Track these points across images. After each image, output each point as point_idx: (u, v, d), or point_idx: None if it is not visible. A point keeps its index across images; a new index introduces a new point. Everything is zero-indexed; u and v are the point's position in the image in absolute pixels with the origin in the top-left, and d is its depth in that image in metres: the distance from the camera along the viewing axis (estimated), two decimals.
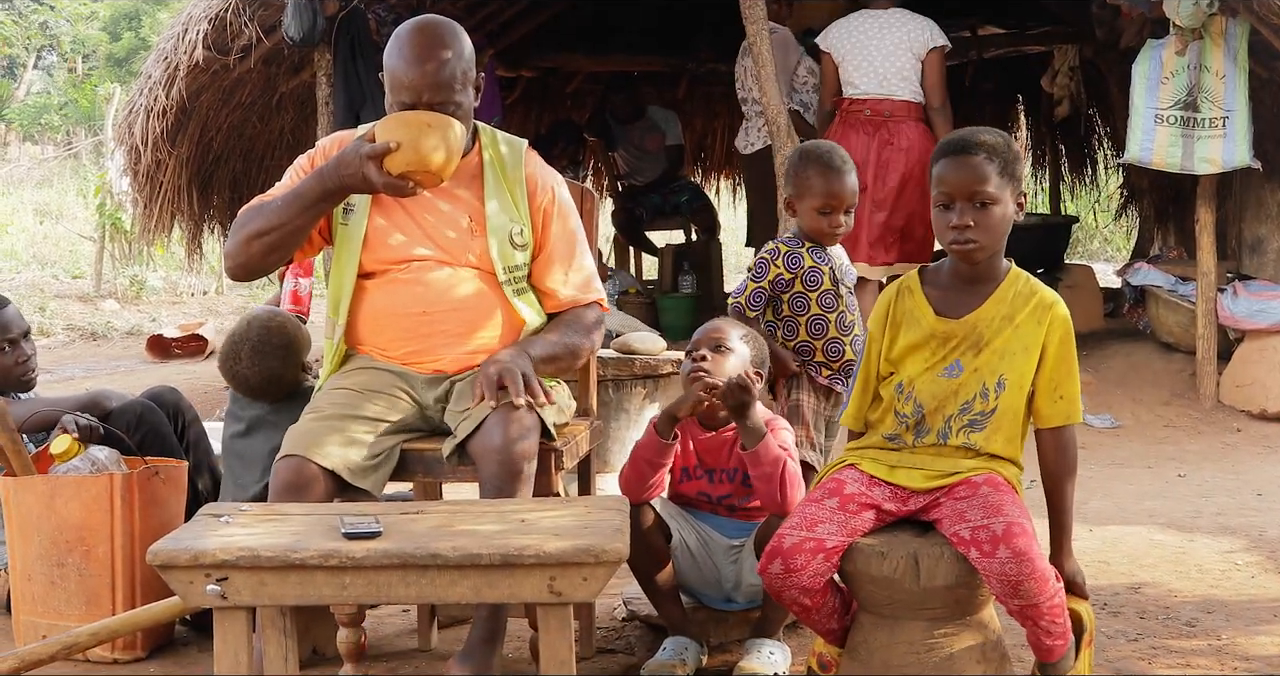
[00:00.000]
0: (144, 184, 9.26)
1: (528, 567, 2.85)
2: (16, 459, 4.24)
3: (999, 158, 3.47)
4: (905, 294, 3.65)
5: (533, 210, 4.01)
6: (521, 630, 4.18)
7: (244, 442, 4.32)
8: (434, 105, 3.78)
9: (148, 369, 11.21)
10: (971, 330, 3.54)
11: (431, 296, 3.90)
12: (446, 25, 3.91)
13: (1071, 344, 3.54)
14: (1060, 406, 3.54)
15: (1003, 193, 3.47)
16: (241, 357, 4.34)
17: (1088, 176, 13.61)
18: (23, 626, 4.26)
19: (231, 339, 4.40)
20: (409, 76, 3.81)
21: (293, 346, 4.39)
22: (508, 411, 3.63)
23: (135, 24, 29.22)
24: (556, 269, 4.03)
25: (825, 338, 4.52)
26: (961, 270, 3.59)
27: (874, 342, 3.68)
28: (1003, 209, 3.47)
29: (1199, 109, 7.71)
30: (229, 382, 4.41)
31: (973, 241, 3.47)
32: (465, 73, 3.88)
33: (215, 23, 8.28)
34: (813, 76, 9.37)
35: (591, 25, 11.95)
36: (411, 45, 3.84)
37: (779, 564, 3.42)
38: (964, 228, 3.46)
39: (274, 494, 3.59)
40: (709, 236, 11.90)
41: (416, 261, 3.92)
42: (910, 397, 3.58)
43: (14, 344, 4.78)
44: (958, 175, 3.48)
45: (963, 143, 3.52)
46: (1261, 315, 8.07)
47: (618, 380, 6.45)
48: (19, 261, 16.30)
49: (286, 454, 3.63)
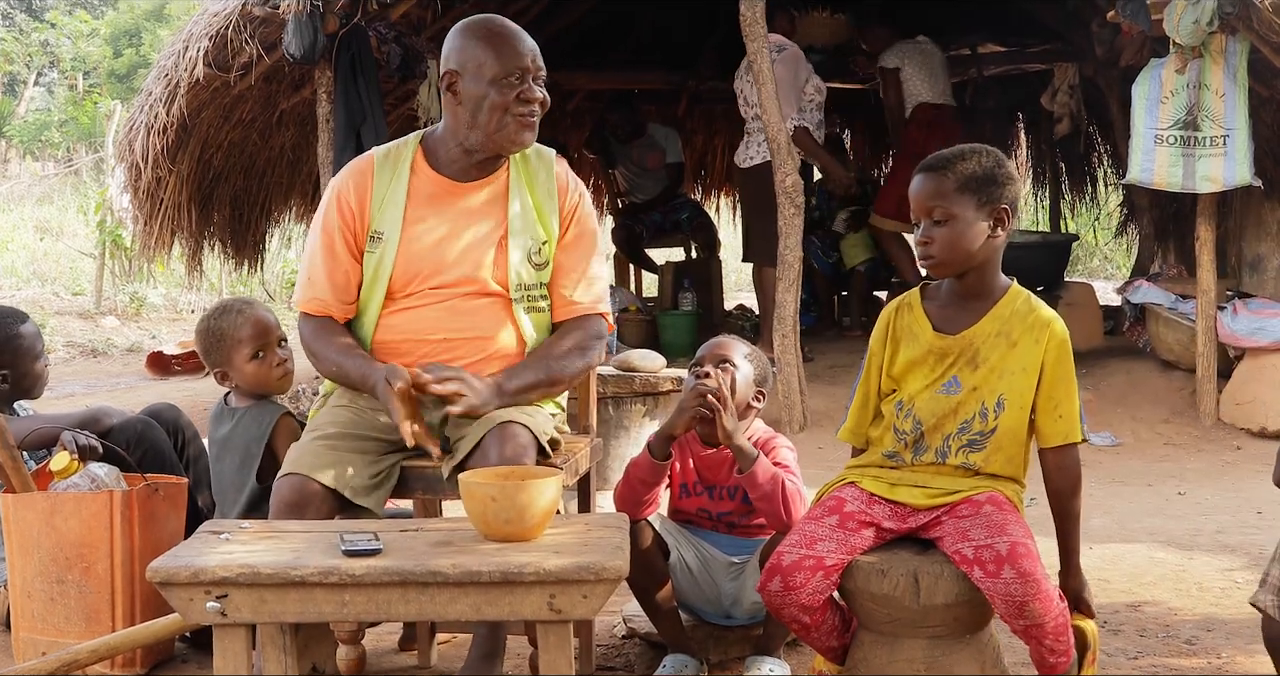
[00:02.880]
0: (144, 201, 9.27)
1: (528, 585, 2.84)
2: (16, 476, 4.24)
3: (962, 175, 3.50)
4: (905, 310, 3.68)
5: (561, 214, 4.00)
6: (521, 647, 4.17)
7: (220, 466, 4.27)
8: (536, 75, 3.84)
9: (148, 386, 11.20)
10: (968, 346, 3.55)
11: (453, 322, 3.90)
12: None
13: (1069, 363, 3.54)
14: (1060, 425, 3.54)
15: (964, 210, 3.49)
16: (198, 330, 4.38)
17: (1088, 194, 13.63)
18: (22, 643, 4.25)
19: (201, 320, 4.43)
20: (508, 43, 3.86)
21: (218, 307, 4.41)
22: (505, 428, 3.64)
23: (136, 41, 29.27)
24: (571, 274, 4.01)
25: None
26: (957, 287, 3.62)
27: (874, 357, 3.70)
28: (963, 226, 3.49)
29: (1199, 127, 7.72)
30: (206, 362, 4.38)
31: (931, 257, 3.53)
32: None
33: (216, 40, 8.29)
34: (819, 94, 9.42)
35: (591, 43, 11.97)
36: (492, 30, 3.90)
37: (778, 581, 3.42)
38: (923, 243, 3.53)
39: (275, 512, 3.58)
40: (709, 254, 11.92)
41: (444, 287, 3.91)
42: (909, 414, 3.58)
43: (41, 354, 4.84)
44: (918, 193, 3.55)
45: (931, 161, 3.57)
46: (1261, 333, 8.07)
47: (617, 397, 6.44)
48: (19, 278, 16.30)
49: (288, 472, 3.63)
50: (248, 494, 4.15)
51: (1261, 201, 8.70)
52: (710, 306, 11.39)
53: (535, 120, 3.88)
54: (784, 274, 8.06)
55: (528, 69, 3.84)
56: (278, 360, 4.32)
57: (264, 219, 10.34)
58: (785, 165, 7.97)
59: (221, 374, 4.32)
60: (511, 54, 3.84)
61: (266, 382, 4.31)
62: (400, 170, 3.96)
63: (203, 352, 4.38)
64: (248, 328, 4.30)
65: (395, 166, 3.97)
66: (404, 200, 3.92)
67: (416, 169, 3.97)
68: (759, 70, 7.98)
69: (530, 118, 3.86)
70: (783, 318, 8.03)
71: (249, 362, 4.28)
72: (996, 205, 3.52)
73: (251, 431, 4.18)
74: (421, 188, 3.95)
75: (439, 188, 3.95)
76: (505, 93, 3.82)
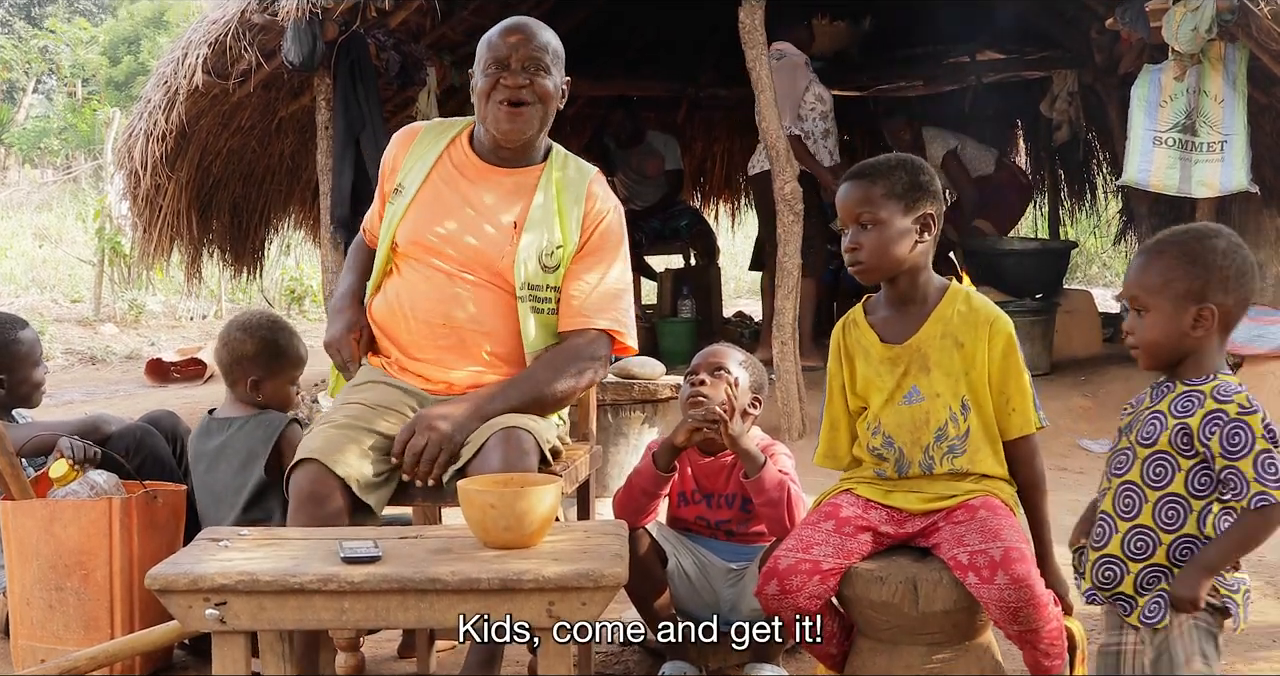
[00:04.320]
0: (143, 208, 9.26)
1: (526, 592, 2.84)
2: (15, 482, 4.24)
3: (888, 183, 3.55)
4: (851, 327, 3.73)
5: (584, 225, 4.02)
6: (520, 654, 4.17)
7: (211, 477, 4.27)
8: (525, 64, 3.90)
9: (147, 393, 11.19)
10: (916, 353, 3.59)
11: (453, 310, 3.93)
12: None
13: (1015, 356, 3.59)
14: (1014, 419, 3.59)
15: (890, 215, 3.53)
16: (232, 335, 4.41)
17: (1087, 201, 13.61)
18: (21, 650, 4.25)
19: (224, 329, 4.46)
20: (503, 36, 3.94)
21: (282, 324, 4.47)
22: (509, 433, 3.64)
23: (135, 48, 29.26)
24: (582, 282, 4.00)
25: None
26: (891, 294, 3.67)
27: (834, 379, 3.75)
28: (889, 231, 3.53)
29: (1197, 133, 7.71)
30: (228, 370, 4.40)
31: (859, 262, 3.56)
32: (557, 51, 4.00)
33: (215, 47, 8.28)
34: (821, 103, 9.40)
35: (592, 50, 11.97)
36: (507, 24, 3.98)
37: (775, 584, 3.43)
38: (851, 249, 3.57)
39: (295, 502, 3.59)
40: (708, 261, 11.92)
41: (449, 262, 3.94)
42: (879, 431, 3.62)
43: (39, 362, 4.86)
44: (845, 200, 3.59)
45: (859, 169, 3.63)
46: (1260, 340, 8.07)
47: (616, 404, 6.44)
48: (18, 285, 16.29)
49: (306, 458, 3.63)
50: (251, 487, 4.14)
51: (1260, 209, 8.68)
52: (709, 314, 11.38)
53: (523, 110, 3.92)
54: (782, 281, 8.05)
55: (512, 57, 3.90)
56: (298, 389, 4.48)
57: (263, 226, 10.33)
58: (784, 173, 7.96)
59: (256, 382, 4.35)
60: (501, 44, 3.93)
61: (288, 405, 4.43)
62: (442, 140, 4.11)
63: (248, 357, 4.37)
64: (302, 357, 4.45)
65: (440, 136, 4.13)
66: (432, 164, 4.05)
67: (457, 143, 4.10)
68: (757, 78, 7.98)
69: (514, 107, 3.91)
70: (781, 325, 8.02)
71: (289, 385, 4.41)
72: (922, 211, 3.56)
73: (256, 435, 4.20)
74: (453, 158, 4.08)
75: (470, 164, 4.06)
76: (489, 80, 3.92)
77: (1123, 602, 3.09)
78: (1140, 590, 3.06)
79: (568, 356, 3.95)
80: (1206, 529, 3.01)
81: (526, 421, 3.74)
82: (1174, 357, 3.09)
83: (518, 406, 3.82)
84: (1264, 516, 2.93)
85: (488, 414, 3.77)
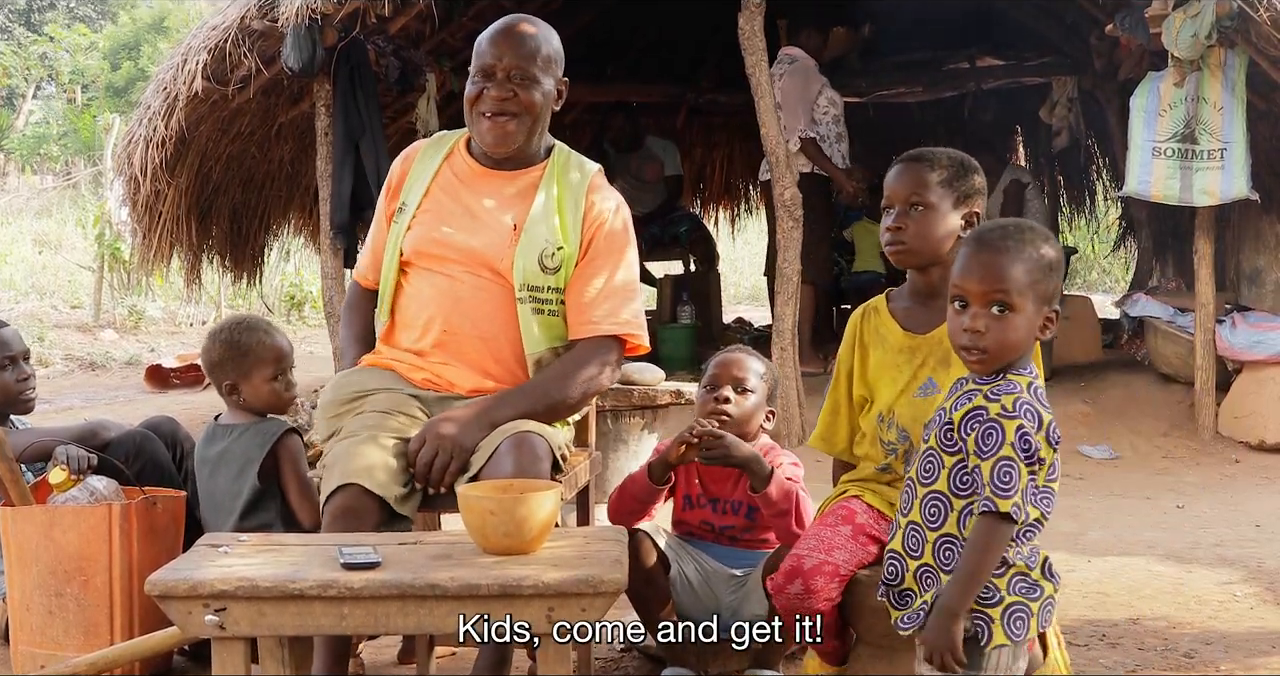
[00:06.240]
0: (143, 214, 9.27)
1: (526, 598, 2.84)
2: (15, 488, 4.24)
3: (946, 170, 3.55)
4: (871, 314, 3.71)
5: (585, 226, 4.01)
6: (519, 660, 4.16)
7: (212, 483, 4.24)
8: (510, 74, 3.88)
9: (146, 399, 11.19)
10: (938, 345, 3.56)
11: (455, 312, 3.92)
12: (535, 19, 4.03)
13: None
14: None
15: (940, 201, 3.53)
16: (204, 344, 4.35)
17: (1086, 207, 13.63)
18: (21, 656, 4.24)
19: (209, 335, 4.40)
20: (491, 43, 3.91)
21: (249, 322, 4.38)
22: (521, 438, 3.64)
23: (134, 54, 29.30)
24: (587, 286, 3.99)
25: None
26: (920, 285, 3.65)
27: (842, 364, 3.73)
28: (936, 216, 3.53)
29: (1197, 141, 7.72)
30: (211, 379, 4.37)
31: (902, 243, 3.55)
32: (549, 57, 3.97)
33: (215, 53, 8.29)
34: (833, 107, 9.41)
35: (591, 55, 11.97)
36: (498, 25, 3.96)
37: (799, 584, 3.39)
38: (895, 229, 3.55)
39: (329, 519, 3.55)
40: (708, 267, 11.90)
41: (452, 263, 3.94)
42: (892, 425, 3.59)
43: (14, 362, 4.77)
44: (898, 180, 3.57)
45: (913, 153, 3.62)
46: (1260, 346, 8.07)
47: (616, 410, 6.43)
48: (18, 291, 16.29)
49: (345, 482, 3.57)
50: (247, 494, 4.12)
51: (1260, 215, 8.69)
52: (709, 319, 11.37)
53: (507, 122, 3.90)
54: (782, 287, 8.05)
55: (498, 67, 3.89)
56: (287, 385, 4.33)
57: (263, 232, 10.33)
58: (784, 179, 7.97)
59: (232, 386, 4.27)
60: (489, 51, 3.92)
61: (276, 404, 4.30)
62: (440, 153, 4.10)
63: (217, 362, 4.28)
64: (273, 349, 4.28)
65: (438, 149, 4.13)
66: (432, 177, 4.05)
67: (455, 152, 4.10)
68: (757, 84, 7.98)
69: (496, 119, 3.90)
70: (781, 330, 8.01)
71: (267, 383, 4.26)
72: (972, 209, 3.56)
73: (253, 442, 4.17)
74: (453, 167, 4.07)
75: (470, 171, 4.05)
76: (475, 89, 3.93)
77: (908, 597, 3.10)
78: (923, 587, 3.07)
79: (577, 363, 3.94)
80: (967, 529, 2.99)
81: (538, 426, 3.74)
82: (1013, 360, 3.05)
83: (527, 413, 3.81)
84: (987, 523, 2.90)
85: (497, 421, 3.75)
